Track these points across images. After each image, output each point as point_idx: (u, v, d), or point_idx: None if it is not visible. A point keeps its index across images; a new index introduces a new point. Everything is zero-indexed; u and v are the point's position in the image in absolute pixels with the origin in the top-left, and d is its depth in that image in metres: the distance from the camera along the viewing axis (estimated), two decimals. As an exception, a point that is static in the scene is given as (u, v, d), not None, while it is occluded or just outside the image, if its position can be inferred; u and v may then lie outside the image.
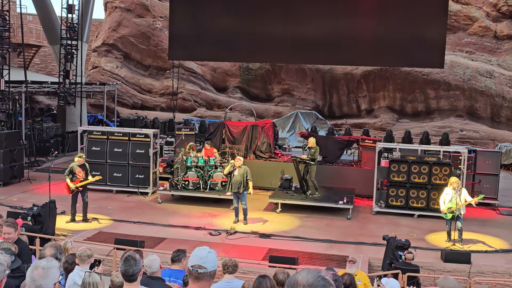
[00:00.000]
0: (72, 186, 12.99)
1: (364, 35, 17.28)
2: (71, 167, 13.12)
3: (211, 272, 3.37)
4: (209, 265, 3.36)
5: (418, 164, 14.62)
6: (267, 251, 11.39)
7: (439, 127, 27.73)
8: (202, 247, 3.47)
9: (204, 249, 3.44)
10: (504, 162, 21.53)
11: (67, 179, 13.00)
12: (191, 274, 3.36)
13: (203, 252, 3.39)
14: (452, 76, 27.66)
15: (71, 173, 13.05)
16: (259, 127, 18.41)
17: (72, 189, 13.04)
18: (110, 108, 29.88)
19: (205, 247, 3.48)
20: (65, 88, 22.90)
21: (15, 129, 20.00)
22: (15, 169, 17.61)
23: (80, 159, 13.25)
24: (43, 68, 35.15)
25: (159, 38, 31.65)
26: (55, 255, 4.60)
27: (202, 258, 3.36)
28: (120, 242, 10.49)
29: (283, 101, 31.48)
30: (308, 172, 15.12)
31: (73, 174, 13.05)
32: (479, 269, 10.77)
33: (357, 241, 12.43)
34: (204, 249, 3.44)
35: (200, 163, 15.64)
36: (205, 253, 3.39)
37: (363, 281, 8.49)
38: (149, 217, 13.90)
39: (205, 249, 3.44)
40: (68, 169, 13.11)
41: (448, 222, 12.25)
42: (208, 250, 3.44)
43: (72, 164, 13.22)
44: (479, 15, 28.28)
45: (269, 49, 18.23)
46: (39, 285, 3.20)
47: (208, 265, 3.35)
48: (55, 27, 24.49)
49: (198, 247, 3.50)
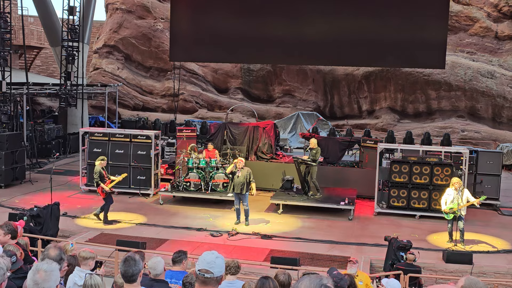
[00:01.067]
0: (107, 189, 13.24)
1: (365, 36, 17.30)
2: (99, 172, 13.31)
3: (217, 277, 3.37)
4: (216, 270, 3.36)
5: (420, 165, 14.61)
6: (269, 252, 11.39)
7: (441, 127, 27.72)
8: (210, 252, 3.46)
9: (212, 253, 3.43)
10: (505, 162, 21.51)
11: (101, 184, 13.20)
12: (198, 278, 3.36)
13: (211, 257, 3.39)
14: (453, 77, 27.65)
15: (101, 177, 13.27)
16: (261, 128, 18.41)
17: (106, 192, 13.28)
18: (111, 109, 29.91)
19: (213, 251, 3.47)
20: (67, 90, 22.92)
21: (17, 131, 20.02)
22: (16, 170, 17.63)
23: (103, 162, 13.51)
24: (44, 69, 35.19)
25: (160, 39, 31.67)
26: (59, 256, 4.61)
27: (210, 263, 3.35)
28: (121, 244, 10.49)
29: (284, 102, 31.48)
30: (309, 173, 15.12)
31: (102, 177, 13.28)
32: (481, 270, 10.76)
33: (359, 242, 12.43)
34: (212, 253, 3.43)
35: (201, 164, 15.65)
36: (213, 258, 3.39)
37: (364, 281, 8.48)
38: (151, 219, 13.91)
39: (213, 254, 3.43)
40: (98, 174, 13.29)
41: (449, 223, 12.24)
42: (216, 255, 3.43)
43: (97, 168, 13.37)
44: (480, 16, 28.27)
45: (270, 50, 18.26)
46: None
47: (215, 270, 3.35)
48: (56, 29, 24.52)
49: (206, 252, 3.48)
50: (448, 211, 12.00)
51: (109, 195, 13.47)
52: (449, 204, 11.96)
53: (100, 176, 13.28)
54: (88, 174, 16.65)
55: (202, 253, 3.47)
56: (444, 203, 12.09)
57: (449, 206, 11.95)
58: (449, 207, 11.95)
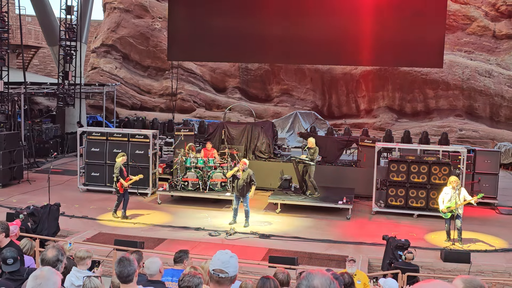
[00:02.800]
0: (126, 185, 13.46)
1: (363, 35, 17.31)
2: (119, 168, 13.45)
3: (231, 277, 3.35)
4: (231, 270, 3.34)
5: (418, 164, 14.63)
6: (267, 251, 11.39)
7: (438, 126, 27.75)
8: (224, 251, 3.44)
9: (226, 253, 3.41)
10: (503, 161, 21.53)
11: (121, 180, 13.37)
12: (212, 278, 3.34)
13: (225, 257, 3.37)
14: (451, 76, 27.69)
15: (121, 173, 13.47)
16: (259, 128, 18.40)
17: (125, 187, 13.51)
18: (109, 109, 29.87)
19: (227, 251, 3.45)
20: (64, 89, 22.89)
21: (14, 130, 19.99)
22: (14, 170, 17.61)
23: (124, 158, 13.71)
24: (42, 69, 35.14)
25: (158, 38, 31.65)
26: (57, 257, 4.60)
27: (224, 262, 3.33)
28: (119, 243, 10.48)
29: (282, 101, 31.49)
30: (307, 172, 15.12)
31: (122, 173, 13.52)
32: (479, 269, 10.78)
33: (357, 241, 12.43)
34: (226, 253, 3.41)
35: (199, 163, 15.64)
36: (227, 257, 3.37)
37: (362, 280, 8.50)
38: (149, 218, 13.90)
39: (227, 253, 3.40)
40: (118, 170, 13.44)
41: (447, 222, 12.26)
42: (230, 254, 3.41)
43: (117, 164, 13.51)
44: (477, 15, 28.31)
45: (268, 49, 18.25)
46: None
47: (230, 270, 3.34)
48: (54, 28, 24.48)
49: (219, 251, 3.45)
50: (445, 210, 12.02)
51: (126, 192, 13.69)
52: (447, 203, 11.97)
53: (120, 172, 13.45)
54: (86, 174, 16.65)
55: (216, 253, 3.44)
56: (442, 202, 12.11)
57: (447, 205, 11.96)
58: (447, 206, 11.96)
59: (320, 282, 2.24)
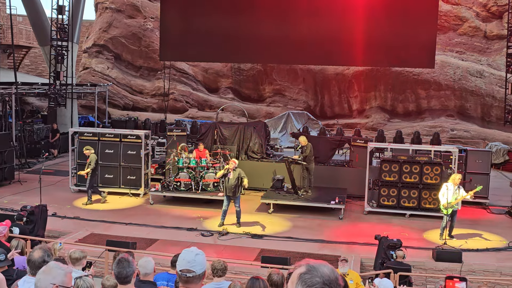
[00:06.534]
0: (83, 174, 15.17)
1: (356, 35, 17.37)
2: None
3: (200, 275, 3.29)
4: (198, 268, 3.27)
5: (410, 164, 14.68)
6: (259, 251, 11.39)
7: (430, 126, 27.86)
8: (189, 249, 3.35)
9: (191, 251, 3.33)
10: (494, 161, 21.66)
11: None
12: (180, 278, 3.29)
13: (190, 255, 3.29)
14: (442, 76, 27.81)
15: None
16: (251, 128, 18.38)
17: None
18: (101, 109, 29.76)
19: (192, 248, 3.36)
20: (56, 90, 22.76)
21: (6, 131, 19.87)
22: (5, 171, 17.50)
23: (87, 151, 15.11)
24: (33, 69, 34.93)
25: (150, 39, 31.58)
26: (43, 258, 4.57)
27: (190, 261, 3.26)
28: (111, 244, 10.44)
29: (274, 102, 31.50)
30: (307, 169, 15.36)
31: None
32: (470, 268, 10.84)
33: (349, 241, 12.46)
34: (191, 251, 3.33)
35: (191, 164, 15.61)
36: (192, 256, 3.29)
37: (355, 280, 8.52)
38: (141, 218, 13.86)
39: (192, 252, 3.32)
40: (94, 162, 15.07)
41: (444, 218, 12.30)
42: (196, 252, 3.32)
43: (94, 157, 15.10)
44: (469, 15, 28.45)
45: (261, 50, 18.27)
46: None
47: (197, 268, 3.27)
48: (45, 28, 24.35)
49: (185, 250, 3.37)
50: (447, 205, 12.07)
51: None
52: (452, 199, 12.03)
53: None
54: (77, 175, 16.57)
55: (181, 252, 3.35)
56: (442, 196, 12.18)
57: (450, 200, 12.01)
58: (449, 201, 12.01)
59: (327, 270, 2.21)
